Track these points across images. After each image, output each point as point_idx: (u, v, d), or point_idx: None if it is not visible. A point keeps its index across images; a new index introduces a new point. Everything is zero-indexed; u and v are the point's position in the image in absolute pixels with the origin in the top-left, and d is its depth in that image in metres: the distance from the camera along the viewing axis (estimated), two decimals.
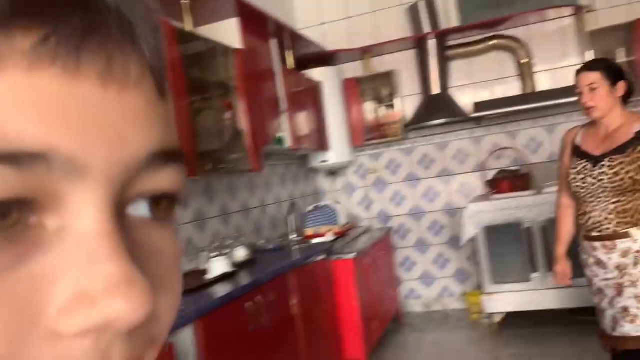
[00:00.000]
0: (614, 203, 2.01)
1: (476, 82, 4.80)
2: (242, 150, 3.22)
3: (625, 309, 2.05)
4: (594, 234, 2.08)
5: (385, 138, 4.92)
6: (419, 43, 4.76)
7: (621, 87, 2.06)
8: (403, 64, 4.93)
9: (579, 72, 2.12)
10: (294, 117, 3.88)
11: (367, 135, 4.94)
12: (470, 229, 3.95)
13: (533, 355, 3.64)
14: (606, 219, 2.03)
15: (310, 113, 4.29)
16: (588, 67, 2.11)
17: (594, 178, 2.04)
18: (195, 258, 3.06)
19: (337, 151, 4.72)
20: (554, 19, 4.58)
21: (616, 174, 1.98)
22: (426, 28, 4.65)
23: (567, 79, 4.39)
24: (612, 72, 2.07)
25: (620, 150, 2.01)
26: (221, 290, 2.41)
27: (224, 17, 3.21)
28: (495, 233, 3.99)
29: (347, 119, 4.85)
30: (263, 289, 2.52)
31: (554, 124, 4.63)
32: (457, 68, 4.84)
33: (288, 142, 3.82)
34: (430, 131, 4.89)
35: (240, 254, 3.05)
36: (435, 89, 4.74)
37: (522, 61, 4.60)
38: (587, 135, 2.17)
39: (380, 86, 4.97)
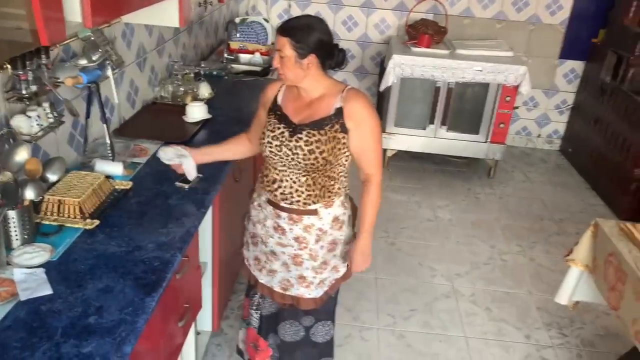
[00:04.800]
0: (305, 176, 1.90)
1: None
2: None
3: (302, 277, 2.05)
4: (283, 204, 1.95)
5: None
6: None
7: (310, 61, 1.81)
8: None
9: (277, 29, 1.84)
10: None
11: None
12: (391, 77, 4.36)
13: (415, 189, 4.52)
14: (297, 191, 1.91)
15: None
16: (281, 28, 1.82)
17: (289, 149, 1.86)
18: (159, 86, 3.07)
19: None
20: None
21: (311, 151, 1.84)
22: None
23: None
24: (304, 42, 1.78)
25: (318, 125, 1.85)
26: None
27: None
28: (409, 84, 4.48)
29: None
30: None
31: None
32: None
33: None
34: None
35: (205, 90, 3.12)
36: None
37: None
38: (289, 94, 1.95)
39: None
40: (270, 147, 1.91)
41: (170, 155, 2.05)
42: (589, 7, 4.98)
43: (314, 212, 1.95)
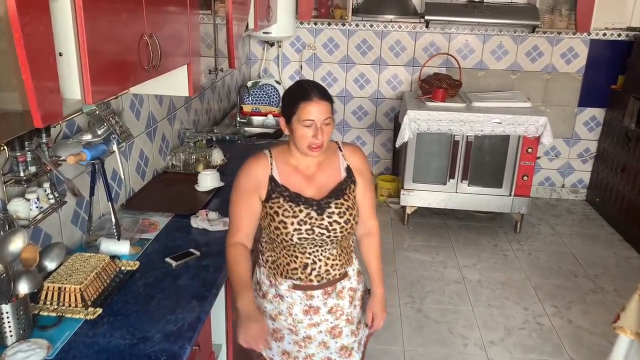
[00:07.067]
0: (335, 248, 1.78)
1: None
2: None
3: (343, 347, 1.90)
4: (316, 283, 1.78)
5: (332, 18, 4.81)
6: None
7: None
8: None
9: (312, 98, 1.63)
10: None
11: (314, 12, 4.76)
12: (407, 133, 4.25)
13: (438, 248, 4.31)
14: (332, 266, 1.79)
15: None
16: (322, 93, 1.65)
17: (324, 228, 1.70)
18: (170, 154, 2.98)
19: (281, 25, 4.50)
20: None
21: (347, 221, 1.73)
22: None
23: None
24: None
25: (340, 192, 1.75)
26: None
27: None
28: (426, 139, 4.37)
29: None
30: None
31: (488, 34, 4.89)
32: None
33: (251, 25, 3.60)
34: (375, 18, 4.85)
35: (217, 156, 3.02)
36: None
37: None
38: (284, 169, 1.75)
39: None
40: (300, 233, 1.70)
41: None
42: (605, 54, 4.89)
43: (345, 275, 1.87)
